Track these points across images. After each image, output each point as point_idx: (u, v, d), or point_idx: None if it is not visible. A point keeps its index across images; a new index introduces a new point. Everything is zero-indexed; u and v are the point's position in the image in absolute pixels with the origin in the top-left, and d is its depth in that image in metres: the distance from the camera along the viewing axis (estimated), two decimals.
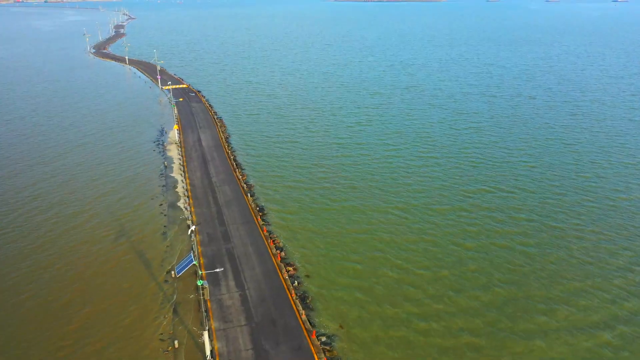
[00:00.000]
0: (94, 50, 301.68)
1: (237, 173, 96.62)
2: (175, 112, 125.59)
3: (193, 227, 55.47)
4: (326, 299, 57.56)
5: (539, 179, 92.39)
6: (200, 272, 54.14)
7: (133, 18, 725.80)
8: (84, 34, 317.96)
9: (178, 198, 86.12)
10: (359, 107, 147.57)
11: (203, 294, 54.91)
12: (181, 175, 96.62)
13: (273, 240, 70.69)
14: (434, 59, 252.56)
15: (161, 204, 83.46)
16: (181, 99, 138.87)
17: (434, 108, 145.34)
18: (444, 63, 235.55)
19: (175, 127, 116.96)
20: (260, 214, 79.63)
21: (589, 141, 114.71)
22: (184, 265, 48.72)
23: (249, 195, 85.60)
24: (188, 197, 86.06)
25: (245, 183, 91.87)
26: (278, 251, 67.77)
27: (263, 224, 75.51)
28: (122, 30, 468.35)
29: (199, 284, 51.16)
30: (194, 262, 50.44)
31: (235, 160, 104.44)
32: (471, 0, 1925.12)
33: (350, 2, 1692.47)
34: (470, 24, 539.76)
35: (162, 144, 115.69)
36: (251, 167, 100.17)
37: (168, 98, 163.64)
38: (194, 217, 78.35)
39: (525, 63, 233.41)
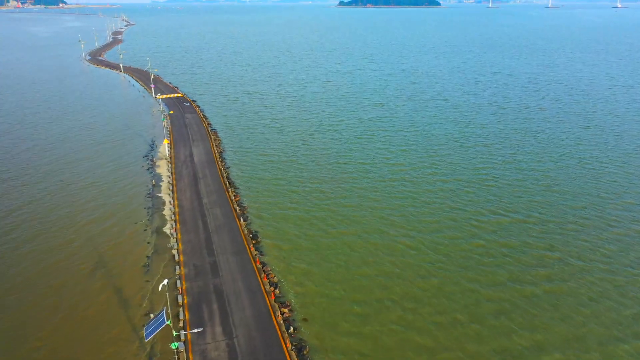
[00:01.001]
0: (90, 57, 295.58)
1: (230, 193, 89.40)
2: (166, 125, 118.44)
3: (165, 282, 47.94)
4: (326, 349, 50.16)
5: (556, 203, 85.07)
6: (175, 334, 46.56)
7: (132, 24, 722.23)
8: (79, 41, 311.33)
9: (164, 222, 78.84)
10: (360, 120, 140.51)
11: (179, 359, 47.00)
12: (169, 195, 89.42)
13: (267, 275, 63.35)
14: (437, 67, 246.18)
15: (145, 230, 76.21)
16: (171, 112, 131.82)
17: (439, 121, 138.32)
18: (448, 71, 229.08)
19: (166, 141, 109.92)
20: (254, 241, 72.34)
21: (606, 158, 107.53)
22: (154, 326, 41.07)
23: (241, 220, 78.33)
24: (175, 221, 78.82)
25: (238, 205, 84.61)
26: (272, 288, 60.42)
27: (256, 254, 68.18)
28: (119, 37, 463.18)
29: (174, 347, 43.67)
30: (167, 323, 42.90)
31: (228, 178, 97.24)
32: (471, 7, 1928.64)
33: (351, 8, 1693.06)
34: (472, 30, 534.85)
35: (152, 159, 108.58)
36: (245, 186, 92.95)
37: (161, 109, 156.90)
38: (180, 245, 71.10)
39: (531, 71, 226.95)
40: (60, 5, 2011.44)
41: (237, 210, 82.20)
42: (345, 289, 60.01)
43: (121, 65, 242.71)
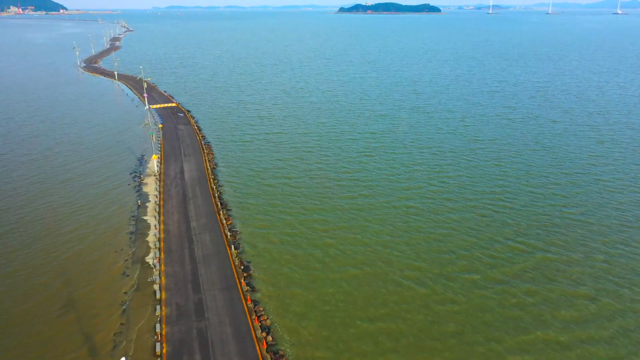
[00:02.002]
0: (85, 65, 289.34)
1: (222, 216, 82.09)
2: (154, 139, 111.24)
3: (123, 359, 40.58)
4: None
5: (579, 229, 77.71)
6: None
7: (131, 30, 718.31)
8: (74, 48, 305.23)
9: (147, 251, 71.50)
10: (361, 133, 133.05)
11: None
12: (155, 218, 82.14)
13: (258, 317, 55.93)
14: (440, 75, 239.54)
15: (126, 260, 68.88)
16: (161, 126, 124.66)
17: (445, 134, 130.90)
18: (452, 80, 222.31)
19: (154, 157, 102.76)
20: (245, 274, 64.94)
21: (626, 177, 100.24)
22: None
23: (232, 248, 71.00)
24: (159, 249, 71.49)
25: (229, 230, 77.27)
26: (264, 334, 52.99)
27: (247, 291, 60.80)
28: (117, 43, 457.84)
29: None
30: None
31: (220, 198, 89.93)
32: (471, 13, 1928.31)
33: (351, 14, 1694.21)
34: (474, 37, 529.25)
35: (140, 176, 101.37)
36: (238, 208, 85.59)
37: (149, 121, 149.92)
38: (163, 279, 63.75)
39: (537, 80, 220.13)
40: (61, 11, 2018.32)
41: (228, 237, 74.85)
42: (347, 340, 52.34)
43: (115, 72, 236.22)
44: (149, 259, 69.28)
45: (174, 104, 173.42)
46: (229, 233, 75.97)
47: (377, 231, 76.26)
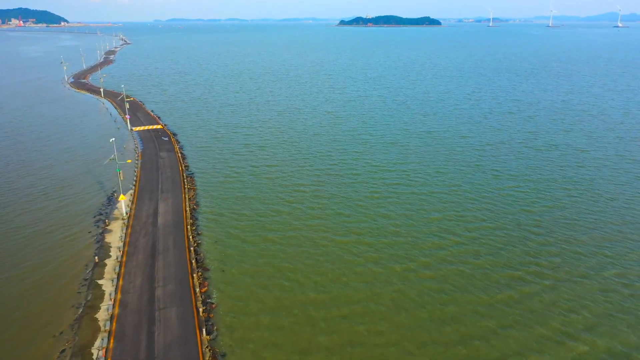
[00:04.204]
0: (73, 80, 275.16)
1: (195, 280, 65.96)
2: (122, 177, 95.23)
3: None
4: None
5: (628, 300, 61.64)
6: None
7: (128, 43, 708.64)
8: (61, 62, 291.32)
9: (95, 335, 55.31)
10: (365, 167, 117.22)
11: None
12: (113, 282, 65.99)
13: None
14: (448, 93, 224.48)
15: (63, 350, 52.71)
16: (129, 161, 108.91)
17: (461, 168, 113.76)
18: (462, 99, 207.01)
19: (122, 197, 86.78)
20: None
21: None
22: None
23: (204, 332, 54.82)
24: (110, 333, 55.26)
25: (203, 303, 61.05)
26: None
27: None
28: (112, 57, 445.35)
29: None
30: None
31: (196, 253, 73.85)
32: (471, 26, 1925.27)
33: (352, 27, 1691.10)
34: (478, 51, 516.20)
35: (105, 221, 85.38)
36: (218, 269, 69.40)
37: (135, 145, 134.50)
38: None
39: (553, 99, 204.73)
40: (62, 23, 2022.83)
41: (200, 313, 58.67)
42: None
43: (101, 89, 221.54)
44: (95, 349, 53.07)
45: (159, 126, 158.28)
46: (201, 309, 59.73)
47: (401, 323, 60.00)
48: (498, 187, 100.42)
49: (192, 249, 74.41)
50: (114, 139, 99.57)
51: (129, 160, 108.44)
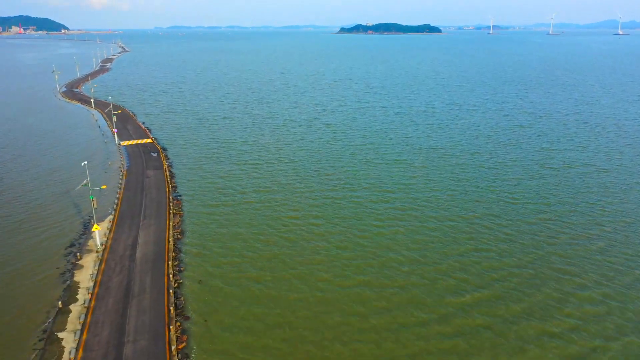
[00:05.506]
0: (65, 89, 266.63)
1: (172, 333, 56.33)
2: (95, 205, 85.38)
3: None
4: None
5: None
6: None
7: (127, 50, 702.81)
8: (53, 71, 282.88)
9: None
10: (367, 189, 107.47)
11: None
12: (75, 335, 56.33)
13: None
14: (453, 104, 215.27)
15: None
16: (104, 187, 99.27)
17: (472, 191, 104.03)
18: (468, 111, 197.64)
19: (96, 227, 77.26)
20: None
21: None
22: None
23: None
24: None
25: None
26: None
27: None
28: (108, 65, 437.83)
29: None
30: None
31: (176, 297, 64.22)
32: (471, 33, 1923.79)
33: (352, 35, 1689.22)
34: (480, 59, 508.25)
35: (77, 254, 75.84)
36: (200, 318, 59.73)
37: (121, 162, 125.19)
38: None
39: (563, 110, 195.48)
40: (62, 31, 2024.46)
41: None
42: None
43: (92, 100, 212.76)
44: None
45: (149, 140, 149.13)
46: None
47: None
48: (510, 214, 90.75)
49: (171, 291, 64.83)
50: (86, 162, 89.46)
51: (104, 186, 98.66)
